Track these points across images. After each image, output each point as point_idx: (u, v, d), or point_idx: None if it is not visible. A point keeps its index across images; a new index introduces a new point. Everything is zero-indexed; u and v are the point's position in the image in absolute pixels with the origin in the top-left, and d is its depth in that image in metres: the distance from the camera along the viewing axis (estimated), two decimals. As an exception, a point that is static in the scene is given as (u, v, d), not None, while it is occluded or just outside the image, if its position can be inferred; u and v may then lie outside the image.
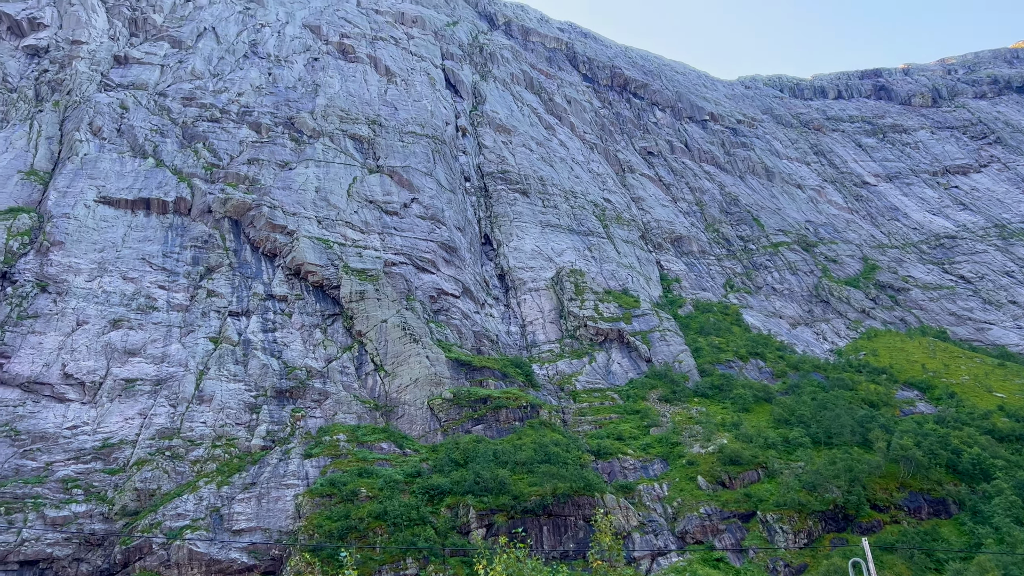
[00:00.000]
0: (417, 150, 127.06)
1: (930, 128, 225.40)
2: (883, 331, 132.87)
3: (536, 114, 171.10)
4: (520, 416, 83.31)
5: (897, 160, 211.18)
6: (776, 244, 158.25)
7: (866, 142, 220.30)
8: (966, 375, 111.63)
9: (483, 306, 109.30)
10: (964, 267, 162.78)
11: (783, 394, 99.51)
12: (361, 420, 79.92)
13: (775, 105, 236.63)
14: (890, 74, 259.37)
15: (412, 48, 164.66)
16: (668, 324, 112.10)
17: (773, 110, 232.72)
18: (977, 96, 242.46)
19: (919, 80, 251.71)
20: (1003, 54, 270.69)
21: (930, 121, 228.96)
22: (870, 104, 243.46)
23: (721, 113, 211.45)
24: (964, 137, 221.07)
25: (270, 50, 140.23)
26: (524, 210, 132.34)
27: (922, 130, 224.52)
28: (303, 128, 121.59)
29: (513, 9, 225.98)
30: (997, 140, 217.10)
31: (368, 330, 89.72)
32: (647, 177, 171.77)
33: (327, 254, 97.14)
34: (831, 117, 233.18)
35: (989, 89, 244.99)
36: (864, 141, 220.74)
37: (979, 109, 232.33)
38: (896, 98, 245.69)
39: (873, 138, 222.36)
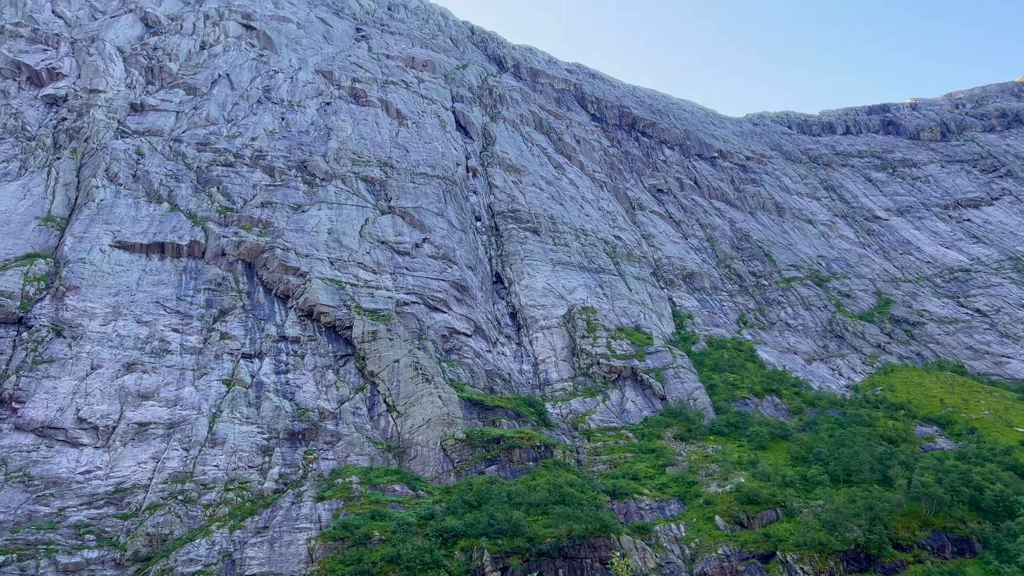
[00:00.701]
0: (428, 191, 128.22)
1: (940, 162, 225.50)
2: (899, 366, 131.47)
3: (546, 154, 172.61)
4: (534, 456, 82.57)
5: (908, 194, 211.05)
6: (788, 279, 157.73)
7: (876, 176, 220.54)
8: (986, 410, 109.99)
9: (495, 345, 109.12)
10: (980, 300, 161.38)
11: (800, 431, 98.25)
12: (374, 462, 79.42)
13: (783, 141, 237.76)
14: (898, 109, 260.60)
15: (423, 91, 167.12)
16: (682, 361, 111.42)
17: (782, 146, 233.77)
18: (986, 129, 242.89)
19: (927, 115, 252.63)
20: (1010, 88, 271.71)
21: (939, 155, 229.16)
22: (879, 139, 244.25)
23: (730, 150, 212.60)
24: (974, 170, 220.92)
25: (283, 95, 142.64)
26: (535, 248, 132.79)
27: (932, 164, 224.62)
28: (316, 171, 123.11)
29: (521, 52, 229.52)
30: (1008, 173, 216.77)
31: (380, 370, 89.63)
32: (657, 214, 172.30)
33: (339, 295, 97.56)
34: (840, 152, 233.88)
35: (998, 122, 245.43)
36: (874, 176, 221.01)
37: (988, 142, 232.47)
38: (904, 133, 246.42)
39: (883, 172, 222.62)
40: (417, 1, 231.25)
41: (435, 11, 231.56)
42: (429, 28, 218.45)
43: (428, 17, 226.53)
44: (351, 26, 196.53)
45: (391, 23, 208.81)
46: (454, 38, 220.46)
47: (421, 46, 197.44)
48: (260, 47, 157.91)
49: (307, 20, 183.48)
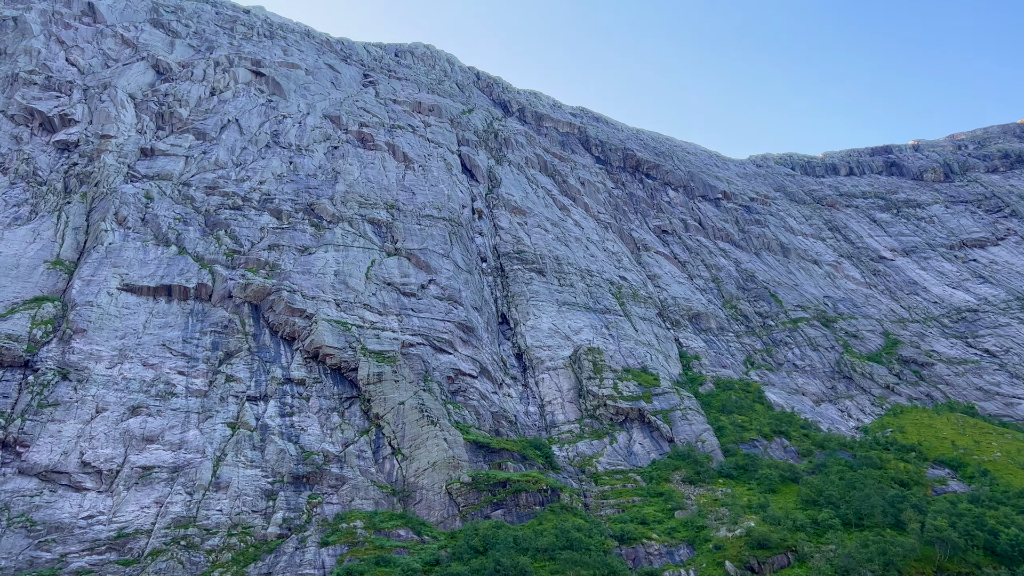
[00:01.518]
0: (434, 232, 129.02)
1: (944, 202, 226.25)
2: (909, 407, 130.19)
3: (550, 196, 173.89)
4: (540, 500, 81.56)
5: (913, 234, 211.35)
6: (795, 320, 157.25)
7: (880, 217, 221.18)
8: (998, 452, 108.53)
9: (501, 386, 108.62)
10: (988, 341, 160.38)
11: (810, 473, 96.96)
12: (378, 506, 78.56)
13: (787, 183, 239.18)
14: (900, 150, 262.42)
15: (429, 135, 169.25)
16: (689, 403, 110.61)
17: (786, 188, 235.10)
18: (989, 170, 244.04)
19: (930, 156, 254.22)
20: (1012, 129, 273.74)
21: (943, 195, 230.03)
22: (882, 180, 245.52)
23: (734, 191, 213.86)
24: (979, 211, 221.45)
25: (291, 140, 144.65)
26: (540, 289, 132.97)
27: (936, 204, 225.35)
28: (323, 214, 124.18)
29: (526, 96, 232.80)
30: (1012, 213, 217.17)
31: (385, 412, 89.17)
32: (662, 255, 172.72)
33: (345, 336, 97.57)
34: (844, 193, 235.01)
35: (1001, 163, 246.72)
36: (878, 216, 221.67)
37: (992, 183, 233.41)
38: (908, 174, 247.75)
39: (887, 213, 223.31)
40: (424, 48, 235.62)
41: (441, 57, 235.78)
42: (435, 74, 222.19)
43: (434, 63, 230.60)
44: (359, 72, 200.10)
45: (398, 69, 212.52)
46: (460, 83, 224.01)
47: (428, 91, 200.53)
48: (269, 93, 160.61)
49: (315, 66, 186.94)
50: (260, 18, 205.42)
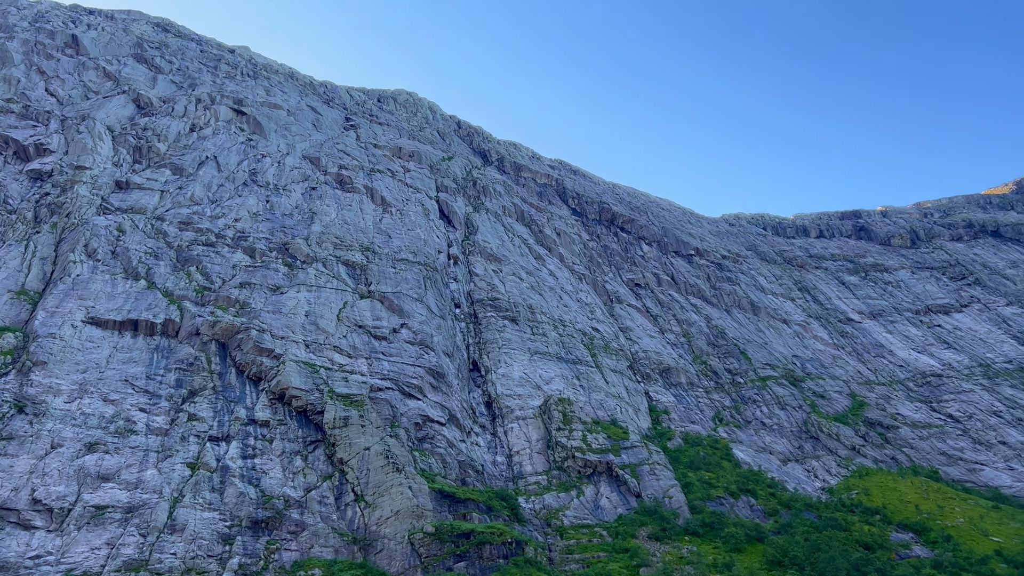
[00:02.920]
0: (409, 276, 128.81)
1: (910, 268, 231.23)
2: (874, 469, 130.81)
3: (526, 245, 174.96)
4: (505, 553, 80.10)
5: (880, 298, 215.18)
6: (764, 378, 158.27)
7: (849, 280, 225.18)
8: (961, 517, 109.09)
9: (469, 434, 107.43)
10: (952, 406, 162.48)
11: (775, 533, 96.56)
12: (338, 554, 76.59)
13: (759, 242, 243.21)
14: (869, 216, 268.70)
15: (408, 180, 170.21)
16: (658, 457, 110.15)
17: (757, 247, 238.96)
18: (954, 239, 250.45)
19: (897, 222, 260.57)
20: (976, 200, 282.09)
21: (910, 261, 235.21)
22: (851, 243, 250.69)
23: (706, 248, 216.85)
24: (944, 277, 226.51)
25: (269, 179, 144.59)
26: (513, 337, 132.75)
27: (902, 270, 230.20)
28: (297, 253, 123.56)
29: (506, 147, 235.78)
30: (976, 281, 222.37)
31: (350, 458, 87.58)
32: (635, 308, 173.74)
33: (313, 378, 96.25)
34: (814, 255, 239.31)
35: (965, 232, 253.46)
36: (847, 279, 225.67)
37: (957, 251, 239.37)
38: (876, 238, 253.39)
39: (855, 276, 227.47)
40: (406, 95, 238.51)
41: (423, 104, 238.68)
42: (417, 120, 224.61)
43: (416, 110, 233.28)
44: (340, 115, 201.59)
45: (380, 114, 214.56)
46: (441, 131, 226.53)
47: (408, 137, 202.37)
48: (250, 131, 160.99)
49: (298, 108, 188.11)
50: (245, 58, 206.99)
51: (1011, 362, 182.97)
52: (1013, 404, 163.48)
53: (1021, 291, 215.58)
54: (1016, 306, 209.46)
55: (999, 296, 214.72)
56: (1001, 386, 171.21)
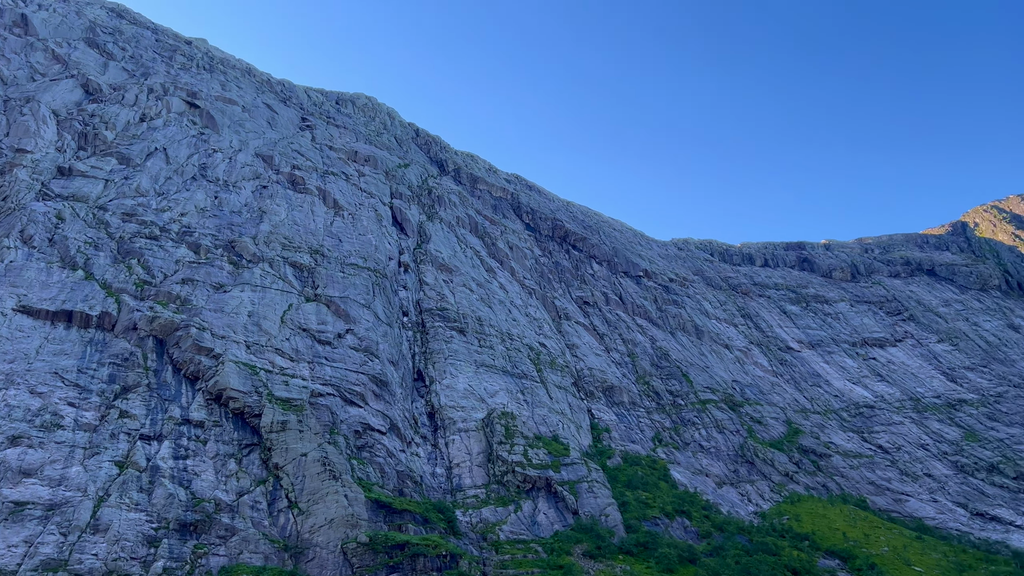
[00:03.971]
0: (357, 282, 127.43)
1: (849, 301, 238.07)
2: (806, 496, 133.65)
3: (479, 257, 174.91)
4: (439, 566, 79.39)
5: (819, 329, 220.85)
6: (704, 401, 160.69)
7: (790, 309, 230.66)
8: (886, 546, 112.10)
9: (410, 444, 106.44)
10: (882, 437, 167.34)
11: (708, 555, 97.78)
12: (268, 561, 74.88)
13: (706, 268, 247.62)
14: (813, 248, 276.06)
15: (362, 185, 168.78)
16: (596, 475, 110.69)
17: (704, 272, 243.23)
18: (892, 275, 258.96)
19: (839, 256, 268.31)
20: (914, 239, 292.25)
21: (849, 295, 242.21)
22: (794, 274, 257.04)
23: (655, 271, 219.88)
24: (880, 312, 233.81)
25: (219, 174, 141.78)
26: (460, 348, 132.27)
27: (842, 302, 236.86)
28: (243, 252, 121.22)
29: (463, 158, 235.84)
30: (911, 317, 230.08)
31: (286, 463, 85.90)
32: (582, 326, 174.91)
33: (252, 380, 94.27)
34: (758, 283, 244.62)
35: (903, 269, 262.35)
36: (788, 308, 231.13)
37: (894, 287, 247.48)
38: (818, 270, 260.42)
39: (797, 306, 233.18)
40: (365, 99, 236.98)
41: (382, 110, 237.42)
42: (375, 125, 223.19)
43: (375, 115, 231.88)
44: (297, 115, 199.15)
45: (337, 116, 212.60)
46: (399, 137, 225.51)
47: (365, 141, 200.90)
48: (202, 125, 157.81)
49: (253, 104, 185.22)
50: (201, 50, 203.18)
51: (939, 397, 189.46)
52: (940, 438, 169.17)
53: (952, 329, 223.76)
54: (947, 343, 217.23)
55: (931, 333, 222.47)
56: (929, 420, 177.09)
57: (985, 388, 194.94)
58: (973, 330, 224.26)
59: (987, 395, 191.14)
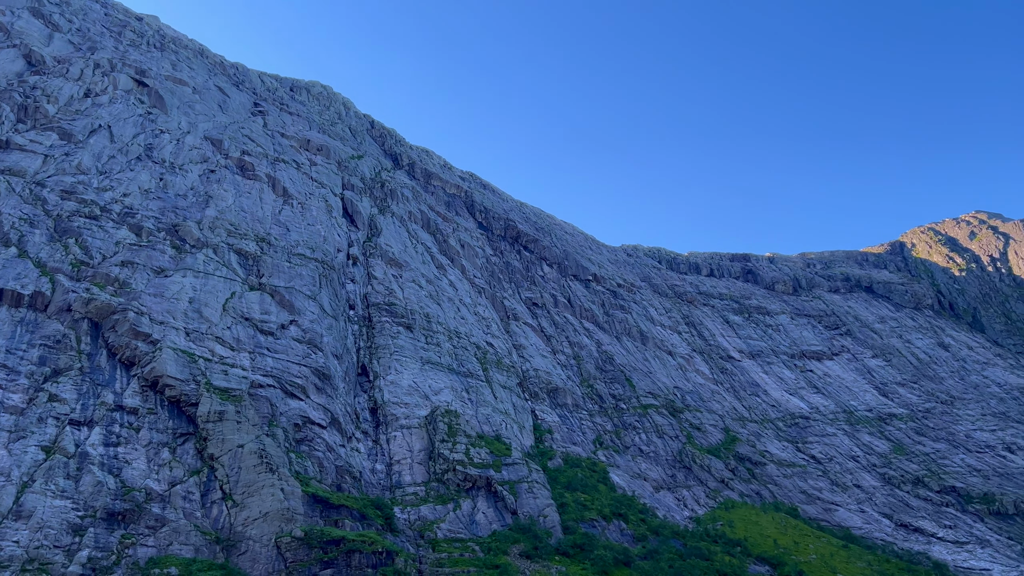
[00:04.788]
0: (304, 272, 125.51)
1: (790, 314, 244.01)
2: (740, 503, 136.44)
3: (429, 253, 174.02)
4: (374, 562, 78.71)
5: (760, 339, 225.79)
6: (646, 406, 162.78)
7: (733, 319, 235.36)
8: (814, 554, 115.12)
9: (350, 439, 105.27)
10: (815, 448, 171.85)
11: (642, 558, 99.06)
12: (199, 553, 73.19)
13: (653, 275, 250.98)
14: (757, 260, 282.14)
15: (313, 174, 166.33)
16: (537, 476, 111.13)
17: (651, 279, 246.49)
18: (832, 290, 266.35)
19: (782, 269, 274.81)
20: (855, 256, 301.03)
21: (790, 307, 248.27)
22: (738, 285, 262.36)
23: (604, 275, 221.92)
24: (819, 326, 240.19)
25: (165, 156, 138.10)
26: (406, 344, 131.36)
27: (783, 314, 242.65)
28: (187, 237, 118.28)
29: (418, 153, 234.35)
30: (848, 332, 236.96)
31: (222, 454, 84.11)
32: (530, 326, 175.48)
33: (190, 368, 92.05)
34: (703, 292, 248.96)
35: (842, 285, 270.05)
36: (731, 318, 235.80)
37: (833, 302, 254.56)
38: (761, 282, 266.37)
39: (739, 316, 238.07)
40: (321, 87, 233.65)
41: (337, 99, 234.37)
42: (329, 115, 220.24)
43: (330, 104, 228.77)
44: (249, 100, 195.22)
45: (291, 104, 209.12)
46: (353, 128, 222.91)
47: (319, 130, 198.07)
48: (150, 105, 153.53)
49: (204, 86, 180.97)
50: (153, 28, 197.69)
51: (871, 411, 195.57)
52: (870, 450, 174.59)
53: (886, 345, 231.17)
54: (880, 359, 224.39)
55: (867, 348, 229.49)
56: (861, 432, 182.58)
57: (914, 403, 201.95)
58: (906, 347, 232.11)
59: (916, 410, 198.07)
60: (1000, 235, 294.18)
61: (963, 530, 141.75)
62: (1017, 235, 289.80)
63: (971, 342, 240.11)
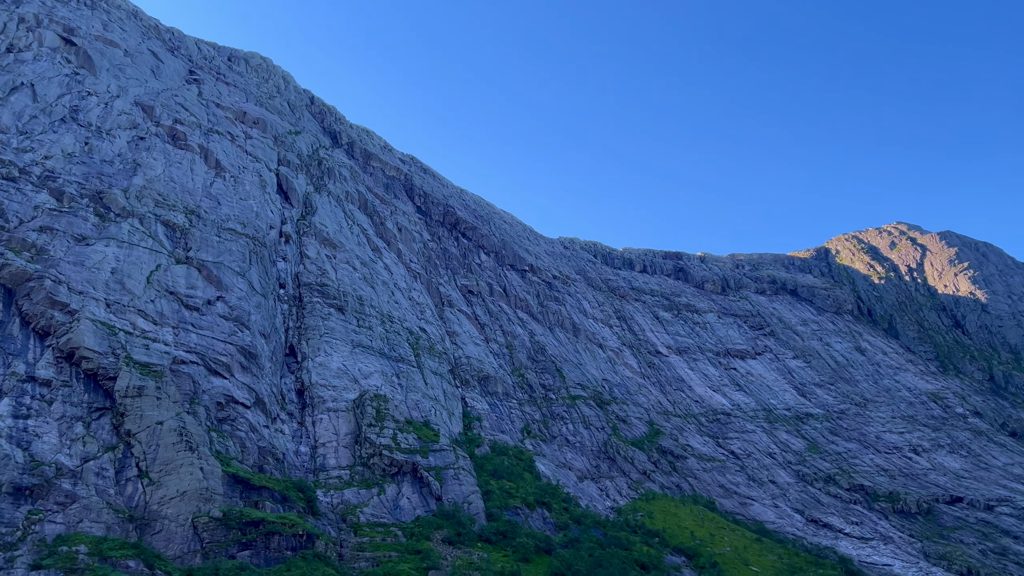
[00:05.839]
0: (234, 248, 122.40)
1: (717, 313, 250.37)
2: (660, 495, 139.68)
3: (365, 235, 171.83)
4: (294, 545, 77.78)
5: (687, 336, 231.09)
6: (574, 397, 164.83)
7: (663, 315, 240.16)
8: (728, 546, 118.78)
9: (275, 420, 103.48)
10: (735, 443, 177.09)
11: (563, 547, 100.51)
12: (111, 531, 70.96)
13: (588, 268, 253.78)
14: (689, 259, 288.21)
15: (248, 148, 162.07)
16: (464, 463, 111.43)
17: (586, 272, 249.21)
18: (758, 292, 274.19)
19: (712, 269, 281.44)
20: (781, 259, 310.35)
21: (718, 307, 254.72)
22: (669, 282, 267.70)
23: (540, 267, 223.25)
24: (744, 326, 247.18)
25: (92, 119, 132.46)
26: (337, 326, 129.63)
27: (711, 313, 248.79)
28: (112, 205, 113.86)
29: (358, 132, 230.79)
30: (771, 333, 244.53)
31: (139, 431, 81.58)
32: (464, 314, 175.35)
33: (110, 341, 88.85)
34: (635, 288, 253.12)
35: (768, 287, 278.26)
36: (661, 314, 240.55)
37: (759, 303, 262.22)
38: (692, 281, 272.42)
39: (669, 313, 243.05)
40: (260, 59, 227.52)
41: (277, 73, 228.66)
42: (267, 88, 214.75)
43: (269, 76, 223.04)
44: (184, 67, 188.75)
45: (228, 74, 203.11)
46: (292, 103, 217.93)
47: (256, 103, 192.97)
48: (77, 65, 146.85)
49: (137, 50, 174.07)
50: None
51: (790, 410, 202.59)
52: (786, 448, 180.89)
53: (807, 347, 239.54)
54: (801, 360, 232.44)
55: (788, 349, 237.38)
56: (779, 430, 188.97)
57: (830, 404, 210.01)
58: (825, 350, 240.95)
59: (831, 411, 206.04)
60: (918, 246, 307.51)
61: (868, 527, 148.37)
62: (934, 247, 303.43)
63: (886, 347, 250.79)
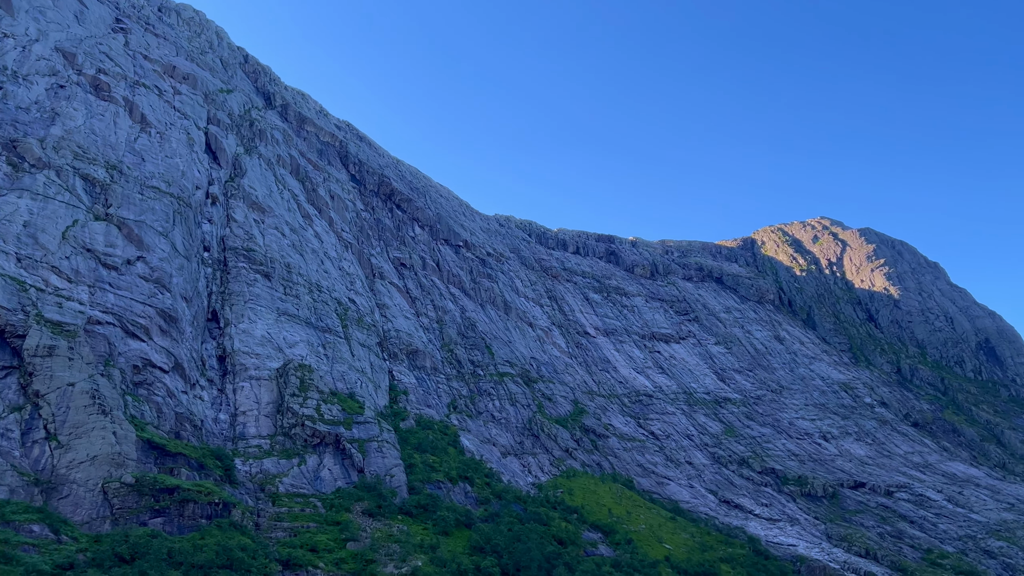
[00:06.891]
0: (157, 207, 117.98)
1: (645, 297, 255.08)
2: (581, 472, 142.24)
3: (296, 201, 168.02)
4: (209, 513, 76.25)
5: (615, 319, 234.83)
6: (502, 374, 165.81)
7: (593, 297, 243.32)
8: (643, 524, 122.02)
9: (194, 386, 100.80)
10: (655, 424, 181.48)
11: (484, 521, 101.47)
12: (14, 495, 68.11)
13: (522, 247, 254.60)
14: (621, 243, 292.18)
15: (176, 104, 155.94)
16: (388, 436, 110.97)
17: (520, 251, 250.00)
18: (686, 278, 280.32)
19: (643, 254, 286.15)
20: (709, 248, 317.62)
21: (646, 291, 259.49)
22: (601, 265, 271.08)
23: (475, 243, 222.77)
24: (671, 311, 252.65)
25: (8, 63, 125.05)
26: (262, 293, 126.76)
27: (639, 297, 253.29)
28: (27, 154, 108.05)
29: (293, 95, 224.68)
30: (695, 319, 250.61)
31: (49, 392, 78.29)
32: (396, 287, 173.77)
33: (19, 297, 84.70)
34: (567, 268, 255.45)
35: (695, 274, 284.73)
36: (591, 296, 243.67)
37: (685, 289, 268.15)
38: (622, 264, 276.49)
39: (599, 295, 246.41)
40: (193, 12, 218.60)
41: (210, 28, 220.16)
42: (199, 43, 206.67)
43: (201, 31, 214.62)
44: (111, 14, 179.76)
45: (158, 25, 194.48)
46: (225, 60, 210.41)
47: (186, 58, 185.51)
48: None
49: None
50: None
51: (709, 394, 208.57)
52: (704, 431, 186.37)
53: (729, 334, 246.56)
54: (722, 346, 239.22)
55: (711, 335, 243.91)
56: (697, 413, 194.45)
57: (748, 390, 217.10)
58: (746, 337, 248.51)
59: (748, 396, 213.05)
60: (839, 241, 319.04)
61: (777, 508, 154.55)
62: (853, 243, 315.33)
63: (803, 338, 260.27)
